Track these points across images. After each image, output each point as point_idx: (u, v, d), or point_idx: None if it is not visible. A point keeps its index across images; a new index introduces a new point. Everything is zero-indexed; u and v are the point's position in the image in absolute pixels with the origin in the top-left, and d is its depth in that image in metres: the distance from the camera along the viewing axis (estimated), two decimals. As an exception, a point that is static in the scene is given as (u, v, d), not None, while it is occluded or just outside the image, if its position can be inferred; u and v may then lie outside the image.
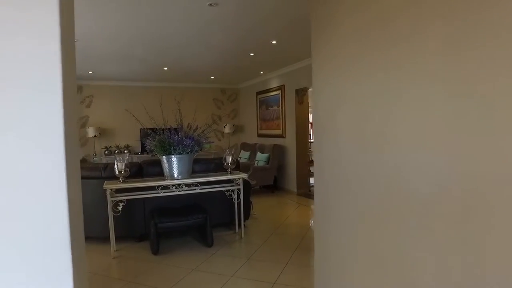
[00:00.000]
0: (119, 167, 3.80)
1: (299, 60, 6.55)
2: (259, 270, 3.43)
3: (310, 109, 7.72)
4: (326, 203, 2.20)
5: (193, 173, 4.23)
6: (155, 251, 3.84)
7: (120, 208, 3.77)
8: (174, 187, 3.97)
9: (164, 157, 3.90)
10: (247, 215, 4.82)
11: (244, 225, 4.58)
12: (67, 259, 0.83)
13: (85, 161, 6.85)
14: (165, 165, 3.94)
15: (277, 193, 7.35)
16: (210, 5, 3.53)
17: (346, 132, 1.94)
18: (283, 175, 7.60)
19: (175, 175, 3.94)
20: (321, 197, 2.28)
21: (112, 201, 3.74)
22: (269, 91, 8.17)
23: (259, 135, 8.81)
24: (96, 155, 8.27)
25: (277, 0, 3.50)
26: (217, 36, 4.73)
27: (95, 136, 8.12)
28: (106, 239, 3.88)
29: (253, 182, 5.66)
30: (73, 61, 1.05)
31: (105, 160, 7.87)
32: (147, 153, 6.79)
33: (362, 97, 1.79)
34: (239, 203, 4.40)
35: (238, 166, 4.74)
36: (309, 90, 7.25)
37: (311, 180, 7.70)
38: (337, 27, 2.01)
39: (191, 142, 3.91)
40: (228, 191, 4.33)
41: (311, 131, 10.22)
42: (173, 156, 3.88)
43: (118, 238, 4.08)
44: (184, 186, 4.00)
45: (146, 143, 4.09)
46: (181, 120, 4.12)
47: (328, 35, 2.11)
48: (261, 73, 7.98)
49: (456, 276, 1.27)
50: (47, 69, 0.84)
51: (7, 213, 0.81)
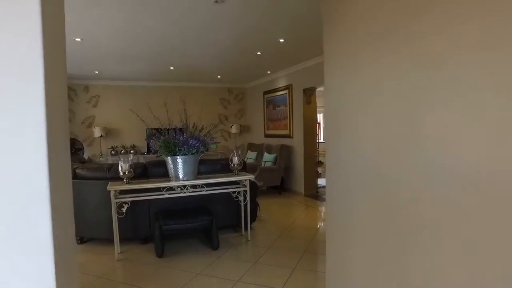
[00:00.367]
0: (123, 168, 3.72)
1: (307, 59, 6.43)
2: (265, 275, 3.32)
3: (318, 109, 7.59)
4: (342, 209, 2.08)
5: (198, 174, 4.14)
6: (160, 253, 3.76)
7: (124, 209, 3.69)
8: (179, 188, 3.88)
9: (169, 158, 3.82)
10: (253, 217, 4.72)
11: (251, 227, 4.48)
12: (50, 280, 0.74)
13: (91, 161, 6.81)
14: (170, 166, 3.86)
15: (284, 194, 7.24)
16: (216, 2, 3.44)
17: (367, 134, 1.81)
18: (290, 176, 7.48)
19: (180, 176, 3.85)
20: (336, 202, 2.15)
21: (116, 202, 3.67)
22: (276, 90, 8.06)
23: (266, 135, 8.70)
24: (102, 155, 8.24)
25: (285, -3, 3.40)
26: (223, 34, 4.63)
27: (101, 136, 8.08)
28: (111, 240, 3.80)
29: (260, 184, 5.56)
30: (62, 49, 0.95)
31: (111, 160, 7.84)
32: (153, 153, 6.73)
33: (387, 97, 1.65)
34: (245, 205, 4.30)
35: (245, 167, 4.63)
36: (317, 89, 7.13)
37: (319, 181, 7.58)
38: (356, 21, 1.87)
39: (197, 143, 3.82)
40: (234, 192, 4.24)
41: (319, 132, 10.10)
42: (178, 157, 3.79)
43: (123, 240, 4.00)
44: (189, 188, 3.91)
45: (150, 143, 4.01)
46: (186, 120, 4.03)
47: (343, 30, 1.99)
48: (268, 72, 7.87)
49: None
50: (26, 53, 0.73)
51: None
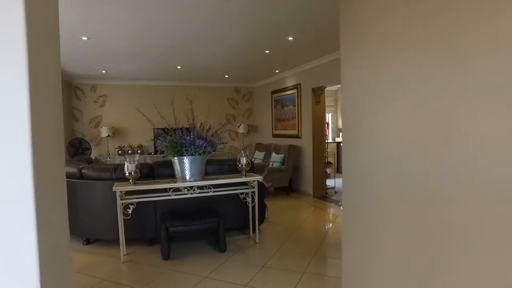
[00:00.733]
0: (129, 168, 3.65)
1: (316, 58, 6.31)
2: (274, 279, 3.22)
3: (326, 109, 7.46)
4: (361, 212, 1.96)
5: (206, 175, 4.06)
6: (166, 256, 3.69)
7: (130, 211, 3.62)
8: (186, 189, 3.80)
9: (176, 158, 3.74)
10: (261, 219, 4.63)
11: (259, 229, 4.38)
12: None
13: (98, 161, 6.78)
14: (177, 166, 3.78)
15: (292, 195, 7.12)
16: (224, -2, 3.36)
17: (391, 133, 1.69)
18: (298, 177, 7.36)
19: (187, 177, 3.77)
20: (354, 204, 2.04)
21: (122, 203, 3.61)
22: (284, 90, 7.95)
23: (274, 135, 8.59)
24: (109, 155, 8.21)
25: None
26: (231, 32, 4.55)
27: (108, 136, 8.06)
28: (117, 242, 3.74)
29: (268, 185, 5.46)
30: (54, 45, 0.86)
31: (118, 160, 7.81)
32: (160, 154, 6.68)
33: (414, 95, 1.53)
34: (253, 207, 4.21)
35: (253, 168, 4.54)
36: (326, 89, 7.01)
37: (328, 182, 7.46)
38: (377, 13, 1.75)
39: (204, 143, 3.74)
40: (242, 194, 4.15)
41: (327, 132, 9.96)
42: (185, 157, 3.71)
43: (128, 242, 3.94)
44: (196, 189, 3.83)
45: (157, 143, 3.94)
46: (193, 120, 3.95)
47: (362, 23, 1.87)
48: (277, 71, 7.76)
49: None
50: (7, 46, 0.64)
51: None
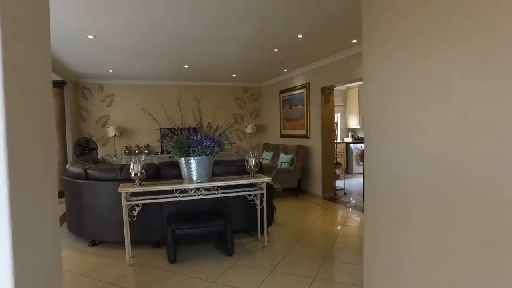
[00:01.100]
0: (135, 169, 3.57)
1: (326, 56, 6.18)
2: (283, 285, 3.10)
3: (335, 109, 7.32)
4: (387, 219, 1.82)
5: (213, 176, 3.96)
6: (172, 259, 3.59)
7: (135, 212, 3.54)
8: (193, 191, 3.71)
9: (183, 159, 3.64)
10: (270, 221, 4.51)
11: (267, 231, 4.27)
12: None
13: (104, 161, 6.72)
14: (184, 167, 3.68)
15: (301, 196, 7.00)
16: (233, -6, 3.25)
17: (425, 135, 1.54)
18: (307, 178, 7.23)
19: (194, 179, 3.68)
20: (378, 210, 1.90)
21: (127, 205, 3.52)
22: (293, 89, 7.82)
23: (282, 136, 8.47)
24: (116, 155, 8.17)
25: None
26: (239, 30, 4.44)
27: (115, 135, 8.01)
28: (122, 243, 3.66)
29: (277, 186, 5.34)
30: (44, 39, 0.76)
31: (125, 160, 7.76)
32: (167, 154, 6.60)
33: (457, 95, 1.37)
34: (262, 209, 4.10)
35: (261, 169, 4.43)
36: (335, 88, 6.87)
37: (337, 183, 7.31)
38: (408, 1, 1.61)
39: (211, 143, 3.63)
40: (250, 195, 4.04)
41: (336, 132, 9.81)
42: (192, 158, 3.62)
43: (134, 244, 3.86)
44: (203, 190, 3.73)
45: (163, 143, 3.85)
46: (200, 120, 3.85)
47: (390, 14, 1.73)
48: (285, 70, 7.64)
49: None
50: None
51: None
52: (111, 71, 7.10)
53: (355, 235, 4.49)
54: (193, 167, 3.64)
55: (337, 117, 10.38)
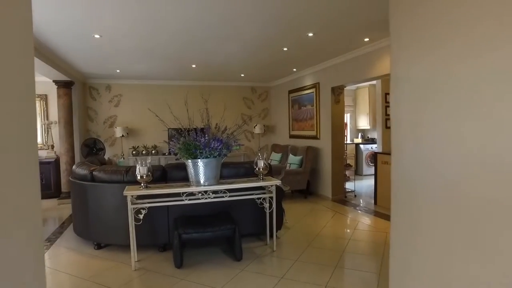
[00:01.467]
0: (141, 171, 3.48)
1: (337, 55, 6.03)
2: (294, 293, 2.98)
3: (345, 109, 7.15)
4: (422, 232, 1.66)
5: (221, 178, 3.85)
6: (179, 264, 3.49)
7: (141, 216, 3.44)
8: (200, 194, 3.60)
9: (190, 161, 3.54)
10: (279, 225, 4.39)
11: (277, 236, 4.15)
12: None
13: (110, 162, 6.67)
14: (191, 170, 3.58)
15: (310, 198, 6.86)
16: (242, -10, 3.14)
17: (470, 141, 1.41)
18: (316, 179, 7.09)
19: (201, 181, 3.57)
20: (410, 222, 1.75)
21: (133, 208, 3.43)
22: (302, 89, 7.68)
23: (291, 136, 8.34)
24: (123, 155, 8.12)
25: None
26: (248, 28, 4.32)
27: (122, 136, 7.96)
28: (128, 247, 3.57)
29: (286, 189, 5.22)
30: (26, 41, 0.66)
31: (132, 161, 7.70)
32: (174, 155, 6.51)
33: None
34: (271, 212, 3.98)
35: (270, 171, 4.31)
36: (346, 88, 6.71)
37: (347, 185, 7.15)
38: None
39: (219, 145, 3.52)
40: (259, 198, 3.92)
41: (346, 132, 9.64)
42: (199, 160, 3.51)
43: (140, 247, 3.78)
44: (211, 194, 3.62)
45: (170, 145, 3.75)
46: (208, 121, 3.74)
47: (426, 9, 1.58)
48: (294, 70, 7.50)
49: None
50: None
51: None
52: (118, 71, 7.04)
53: (366, 240, 4.35)
54: (200, 169, 3.54)
55: (347, 117, 10.21)
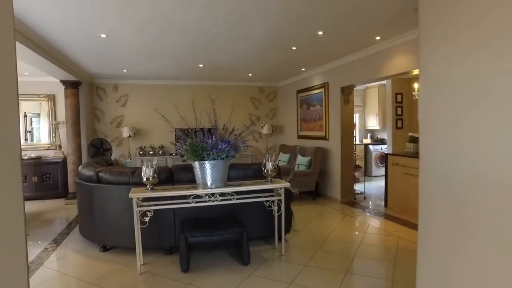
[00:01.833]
0: (146, 173, 3.40)
1: (346, 54, 5.90)
2: (304, 300, 2.88)
3: (354, 109, 7.02)
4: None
5: (228, 180, 3.76)
6: (185, 268, 3.41)
7: (147, 219, 3.37)
8: (207, 196, 3.52)
9: (197, 163, 3.45)
10: (288, 228, 4.29)
11: (285, 239, 4.05)
12: None
13: (117, 163, 6.63)
14: (198, 172, 3.50)
15: (318, 200, 6.74)
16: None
17: None
18: (325, 181, 6.97)
19: (209, 184, 3.48)
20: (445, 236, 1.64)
21: (138, 211, 3.36)
22: (311, 89, 7.56)
23: (300, 137, 8.23)
24: (130, 155, 8.08)
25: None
26: (256, 27, 4.23)
27: (129, 136, 7.92)
28: (134, 249, 3.48)
29: (295, 191, 5.11)
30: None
31: (139, 161, 7.66)
32: (180, 156, 6.44)
33: None
34: (279, 215, 3.88)
35: (279, 173, 4.21)
36: (355, 88, 6.58)
37: (356, 187, 7.02)
38: None
39: (227, 146, 3.43)
40: (267, 201, 3.82)
41: (355, 133, 9.49)
42: (206, 162, 3.42)
43: (146, 250, 3.71)
44: (218, 196, 3.53)
45: (176, 146, 3.67)
46: (215, 121, 3.65)
47: None
48: (303, 69, 7.39)
49: None
50: None
51: None
52: (125, 71, 7.00)
53: (378, 244, 4.23)
54: (207, 171, 3.45)
55: (356, 117, 10.06)
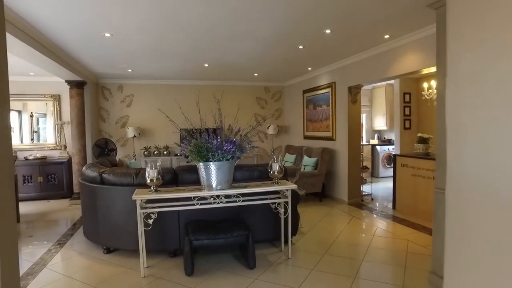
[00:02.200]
0: (150, 174, 3.33)
1: (354, 53, 5.79)
2: (311, 306, 2.79)
3: (361, 109, 6.90)
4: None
5: (233, 181, 3.68)
6: (190, 272, 3.34)
7: (151, 221, 3.30)
8: (212, 198, 3.44)
9: (201, 164, 3.38)
10: (294, 230, 4.20)
11: (292, 242, 3.96)
12: None
13: (122, 164, 6.59)
14: (202, 173, 3.42)
15: (325, 201, 6.63)
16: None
17: None
18: (332, 182, 6.86)
19: (214, 185, 3.41)
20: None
21: (142, 213, 3.29)
22: (317, 89, 7.46)
23: (306, 137, 8.12)
24: (135, 156, 8.04)
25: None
26: (262, 25, 4.14)
27: (134, 136, 7.88)
28: (138, 252, 3.41)
29: (301, 192, 5.02)
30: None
31: (143, 161, 7.61)
32: (185, 157, 6.38)
33: None
34: (286, 218, 3.79)
35: (285, 175, 4.12)
36: (363, 88, 6.47)
37: (364, 188, 6.91)
38: None
39: (232, 147, 3.35)
40: (274, 203, 3.74)
41: (362, 134, 9.36)
42: (211, 163, 3.35)
43: (150, 252, 3.64)
44: (223, 198, 3.46)
45: (181, 147, 3.60)
46: (221, 122, 3.58)
47: None
48: (309, 69, 7.28)
49: None
50: None
51: None
52: (130, 70, 6.96)
53: (387, 247, 4.12)
54: (212, 173, 3.38)
55: (362, 117, 9.93)
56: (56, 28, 4.10)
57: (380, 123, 9.82)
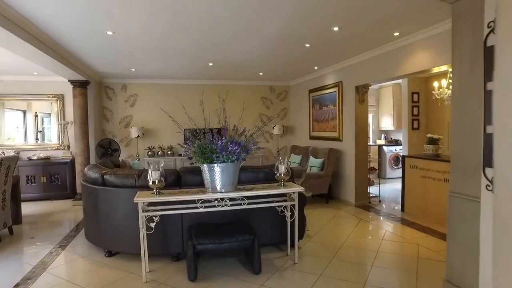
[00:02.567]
0: (153, 176, 3.23)
1: (362, 52, 5.65)
2: (320, 315, 2.67)
3: (369, 109, 6.76)
4: None
5: (238, 183, 3.57)
6: (193, 277, 3.23)
7: (153, 224, 3.19)
8: (217, 201, 3.32)
9: (205, 166, 3.26)
10: (301, 234, 4.08)
11: (298, 246, 3.83)
12: None
13: (125, 164, 6.49)
14: (206, 175, 3.31)
15: (331, 203, 6.50)
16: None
17: None
18: (338, 183, 6.73)
19: (218, 188, 3.29)
20: None
21: (144, 216, 3.18)
22: (323, 88, 7.32)
23: (312, 138, 7.99)
24: (139, 156, 7.95)
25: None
26: (267, 23, 4.02)
27: (138, 136, 7.79)
28: (140, 255, 3.31)
29: (308, 194, 4.89)
30: None
31: (147, 162, 7.51)
32: (189, 158, 6.28)
33: None
34: (292, 221, 3.67)
35: (292, 177, 3.99)
36: (370, 87, 6.31)
37: (371, 190, 6.76)
38: None
39: (237, 149, 3.23)
40: (280, 206, 3.62)
41: (369, 134, 9.20)
42: (215, 165, 3.23)
43: (153, 256, 3.53)
44: (228, 201, 3.34)
45: (184, 148, 3.49)
46: (225, 122, 3.46)
47: None
48: (316, 68, 7.15)
49: None
50: None
51: None
52: (133, 69, 6.87)
53: (397, 252, 3.98)
54: (216, 175, 3.26)
55: (369, 117, 9.77)
56: (58, 27, 4.01)
57: (387, 123, 9.65)
